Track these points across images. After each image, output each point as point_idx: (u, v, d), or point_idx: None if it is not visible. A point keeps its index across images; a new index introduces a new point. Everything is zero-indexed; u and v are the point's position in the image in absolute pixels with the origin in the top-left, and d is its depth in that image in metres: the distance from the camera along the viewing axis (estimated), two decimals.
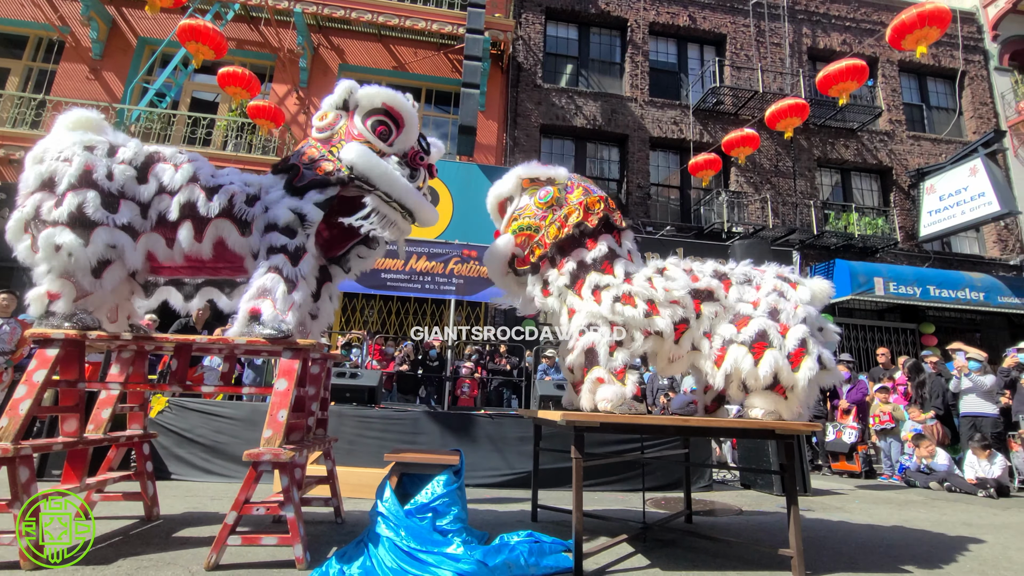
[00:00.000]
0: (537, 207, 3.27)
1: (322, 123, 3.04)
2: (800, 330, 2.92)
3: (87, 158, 2.74)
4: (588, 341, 2.90)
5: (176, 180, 2.83)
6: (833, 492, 5.81)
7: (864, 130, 12.69)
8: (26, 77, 10.75)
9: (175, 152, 3.00)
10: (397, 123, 3.11)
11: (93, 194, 2.69)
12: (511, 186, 3.42)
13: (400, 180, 3.01)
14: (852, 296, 10.22)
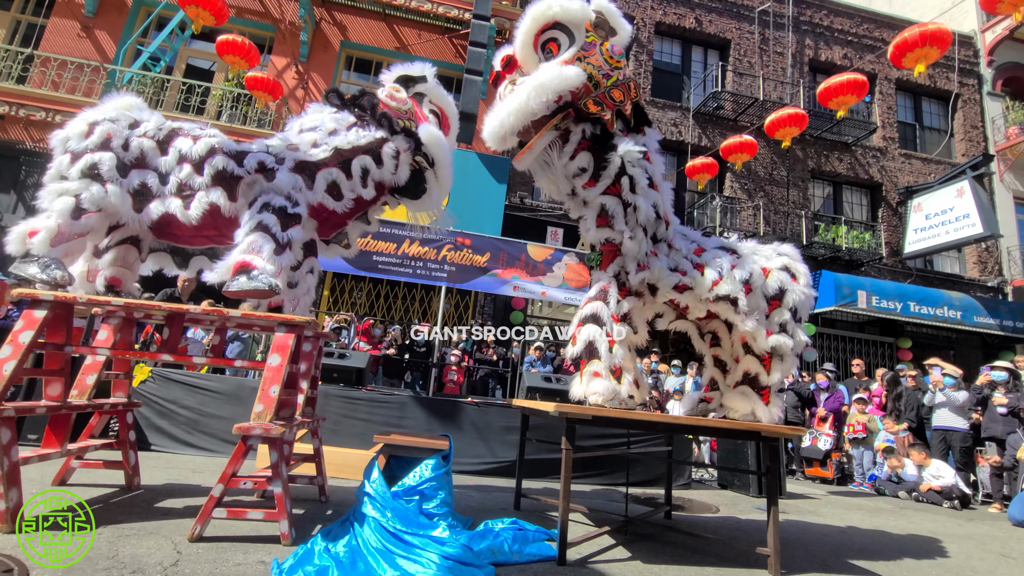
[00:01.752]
0: (607, 60, 2.80)
1: (398, 95, 3.34)
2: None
3: (109, 127, 2.82)
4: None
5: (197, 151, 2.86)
6: (806, 496, 5.96)
7: (858, 145, 12.87)
8: (13, 30, 10.38)
9: (195, 127, 3.03)
10: (442, 127, 3.60)
11: (109, 155, 2.75)
12: (577, 16, 2.79)
13: (450, 170, 3.48)
14: (835, 307, 10.41)
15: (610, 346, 2.91)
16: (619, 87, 2.85)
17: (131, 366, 3.46)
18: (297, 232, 2.83)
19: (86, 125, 2.81)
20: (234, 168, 2.86)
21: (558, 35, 2.79)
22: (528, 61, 2.86)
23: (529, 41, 2.81)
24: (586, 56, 2.76)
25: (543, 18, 2.77)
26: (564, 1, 2.74)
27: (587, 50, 2.79)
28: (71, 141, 2.78)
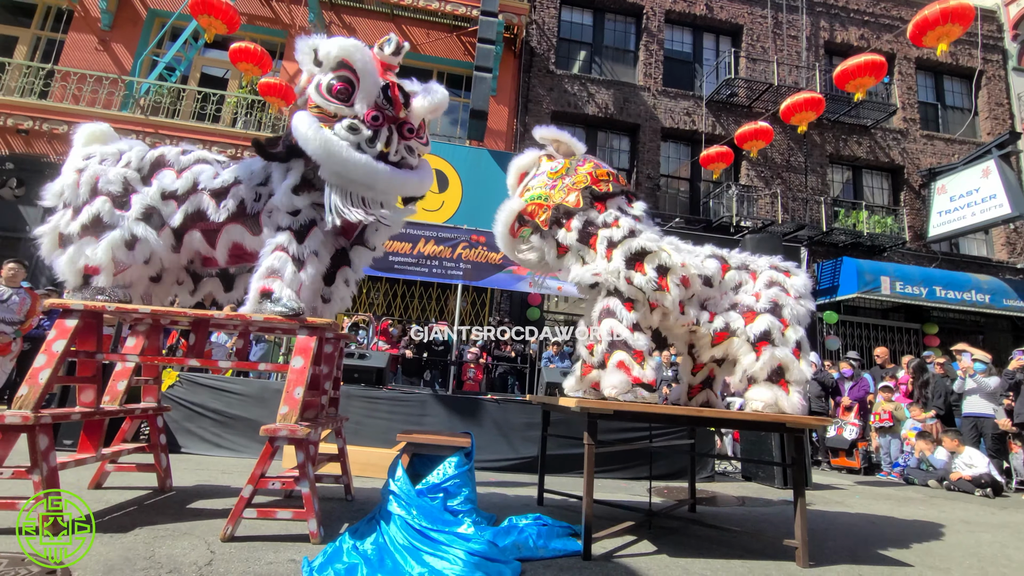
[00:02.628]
0: (549, 177, 3.35)
1: (298, 87, 2.92)
2: (799, 332, 3.04)
3: (95, 170, 2.87)
4: (608, 328, 2.91)
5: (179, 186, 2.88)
6: (833, 487, 5.87)
7: (878, 127, 12.57)
8: (34, 46, 10.66)
9: (178, 153, 3.02)
10: (357, 80, 2.74)
11: (102, 200, 2.81)
12: (530, 160, 3.52)
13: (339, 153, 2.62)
14: (858, 294, 10.20)
15: (631, 332, 2.92)
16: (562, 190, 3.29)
17: (159, 371, 3.55)
18: (314, 241, 2.85)
19: (75, 173, 2.87)
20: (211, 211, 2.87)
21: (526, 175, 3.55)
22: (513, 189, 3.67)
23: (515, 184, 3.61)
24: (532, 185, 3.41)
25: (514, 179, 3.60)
26: (517, 160, 3.56)
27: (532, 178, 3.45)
28: (66, 194, 2.86)
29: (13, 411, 2.38)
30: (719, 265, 3.21)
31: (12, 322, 5.46)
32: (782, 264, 3.34)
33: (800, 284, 3.21)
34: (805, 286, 3.22)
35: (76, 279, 2.73)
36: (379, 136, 2.75)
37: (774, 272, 3.25)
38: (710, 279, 3.16)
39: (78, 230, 2.78)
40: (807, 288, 3.22)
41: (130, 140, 3.10)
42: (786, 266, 3.33)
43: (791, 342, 3.01)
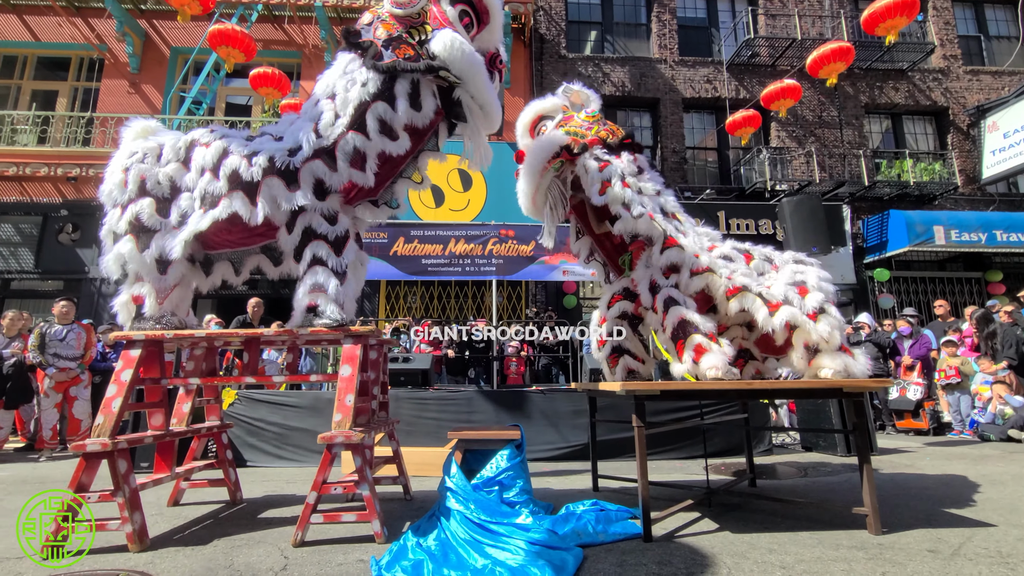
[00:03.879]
0: (584, 119, 3.44)
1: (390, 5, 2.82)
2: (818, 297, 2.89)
3: (140, 169, 2.92)
4: (677, 315, 2.86)
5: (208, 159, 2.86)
6: (900, 451, 5.62)
7: (915, 69, 11.85)
8: (73, 97, 11.29)
9: (204, 132, 3.01)
10: (480, 18, 2.97)
11: (148, 201, 2.87)
12: (553, 104, 3.59)
13: (489, 82, 2.89)
14: (910, 247, 9.67)
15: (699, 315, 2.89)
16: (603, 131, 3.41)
17: (219, 391, 3.73)
18: (351, 252, 2.92)
19: (122, 173, 2.93)
20: (247, 171, 2.78)
21: (545, 123, 3.62)
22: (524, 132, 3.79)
23: (526, 133, 3.71)
24: (566, 122, 3.49)
25: (529, 119, 3.69)
26: (539, 102, 3.66)
27: (565, 118, 3.52)
28: (115, 193, 2.93)
29: (92, 439, 2.55)
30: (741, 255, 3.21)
31: (74, 357, 5.86)
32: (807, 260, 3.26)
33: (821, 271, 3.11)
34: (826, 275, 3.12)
35: (128, 312, 2.88)
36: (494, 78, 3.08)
37: (796, 264, 3.18)
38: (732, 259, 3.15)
39: (126, 228, 2.86)
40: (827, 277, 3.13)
41: (171, 132, 3.11)
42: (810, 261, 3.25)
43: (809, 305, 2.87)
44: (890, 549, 2.42)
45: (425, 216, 9.46)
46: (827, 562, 2.26)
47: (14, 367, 5.72)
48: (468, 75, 2.79)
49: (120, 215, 2.92)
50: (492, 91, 2.92)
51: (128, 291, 2.88)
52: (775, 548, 2.45)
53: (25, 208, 10.00)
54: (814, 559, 2.30)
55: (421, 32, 2.80)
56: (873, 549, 2.42)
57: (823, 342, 2.78)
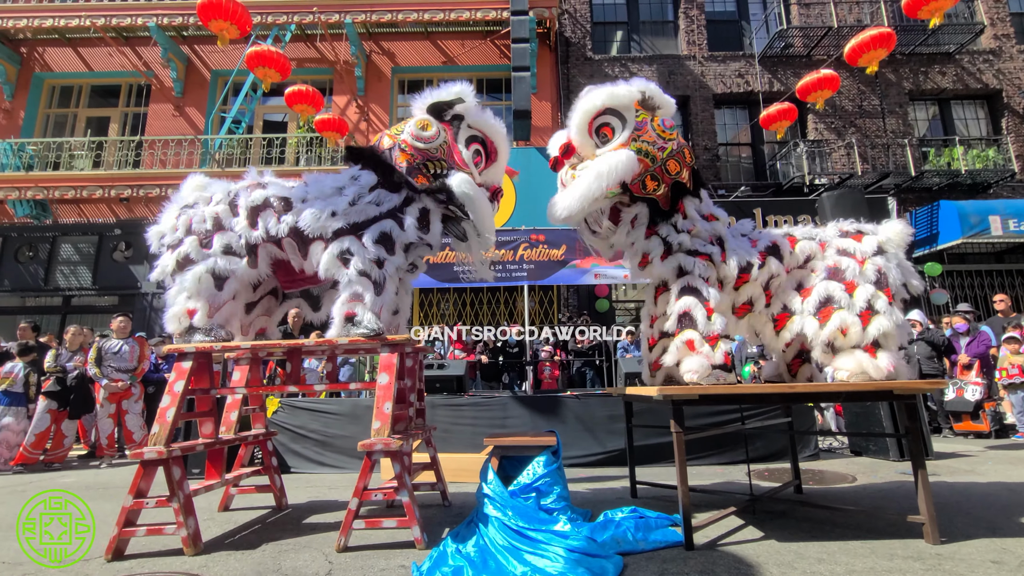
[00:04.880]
0: (659, 135, 2.92)
1: (425, 133, 3.03)
2: (867, 290, 2.79)
3: (188, 214, 3.17)
4: (684, 305, 2.83)
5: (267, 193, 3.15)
6: (959, 455, 5.33)
7: (963, 52, 11.26)
8: (123, 122, 11.96)
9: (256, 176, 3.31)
10: (488, 154, 3.29)
11: (191, 239, 3.09)
12: (626, 96, 2.93)
13: (491, 215, 3.18)
14: (963, 239, 9.17)
15: (708, 315, 2.81)
16: (674, 157, 2.94)
17: (264, 400, 3.87)
18: (391, 266, 3.01)
19: (174, 219, 3.18)
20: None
21: (610, 119, 2.97)
22: (585, 147, 3.05)
23: (584, 129, 3.01)
24: (640, 135, 2.91)
25: (593, 108, 2.96)
26: (610, 89, 2.93)
27: (640, 129, 2.92)
28: (165, 236, 3.17)
29: (149, 448, 2.68)
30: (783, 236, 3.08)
31: (127, 370, 6.18)
32: (851, 227, 3.09)
33: (867, 245, 2.94)
34: (877, 243, 2.94)
35: (179, 324, 3.03)
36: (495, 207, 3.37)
37: (841, 240, 3.02)
38: (778, 247, 3.01)
39: (173, 267, 3.07)
40: (879, 245, 2.94)
41: (221, 182, 3.38)
42: (856, 228, 3.07)
43: (859, 304, 2.78)
44: (950, 560, 2.29)
45: None
46: (881, 573, 2.17)
47: (76, 379, 6.08)
48: (476, 212, 3.07)
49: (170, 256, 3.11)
50: (491, 222, 3.24)
51: (182, 304, 3.02)
52: (824, 558, 2.36)
53: (83, 229, 10.64)
54: (867, 570, 2.21)
55: (438, 166, 3.03)
56: (931, 559, 2.30)
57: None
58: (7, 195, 10.31)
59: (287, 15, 10.83)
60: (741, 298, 3.05)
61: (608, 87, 2.95)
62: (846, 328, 2.77)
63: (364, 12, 10.80)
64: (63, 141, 10.91)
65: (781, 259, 3.03)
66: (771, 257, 3.02)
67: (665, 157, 2.91)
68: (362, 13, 10.79)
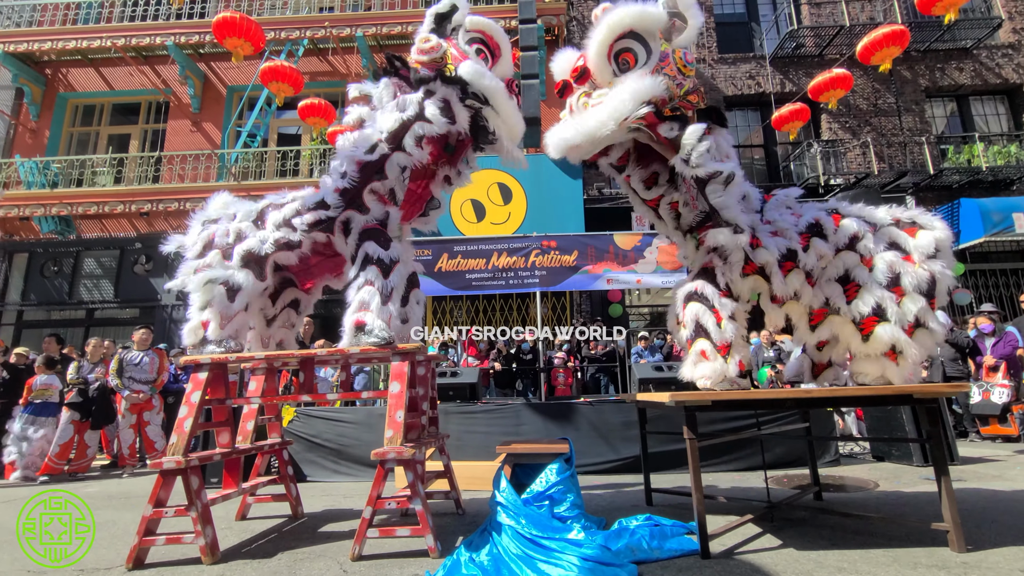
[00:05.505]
0: (680, 70, 2.79)
1: (426, 46, 3.15)
2: (918, 302, 2.64)
3: (211, 229, 3.29)
4: (695, 312, 2.80)
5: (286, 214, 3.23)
6: (986, 460, 5.17)
7: (981, 46, 11.06)
8: (143, 139, 12.26)
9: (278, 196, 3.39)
10: (493, 52, 3.39)
11: (213, 252, 3.19)
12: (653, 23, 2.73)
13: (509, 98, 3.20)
14: (986, 238, 8.96)
15: (718, 322, 2.77)
16: (693, 93, 2.86)
17: (279, 409, 3.92)
18: (396, 278, 3.05)
19: (196, 236, 3.28)
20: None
21: (633, 45, 2.74)
22: (602, 72, 2.81)
23: (604, 51, 2.76)
24: (662, 67, 2.73)
25: (619, 27, 2.72)
26: (641, 8, 2.70)
27: (663, 60, 2.76)
28: (188, 250, 3.27)
29: (168, 457, 2.73)
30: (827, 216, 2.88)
31: (147, 381, 6.30)
32: (905, 215, 2.86)
33: (926, 243, 2.72)
34: (936, 243, 2.71)
35: (195, 337, 3.08)
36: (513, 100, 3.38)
37: (894, 230, 2.81)
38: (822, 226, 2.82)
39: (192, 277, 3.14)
40: (936, 246, 2.72)
41: (243, 201, 3.48)
42: (910, 218, 2.83)
43: (908, 316, 2.64)
44: (976, 568, 2.23)
45: (467, 231, 9.62)
46: None
47: (98, 390, 6.22)
48: (492, 93, 3.12)
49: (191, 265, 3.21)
50: (514, 106, 3.29)
51: (197, 316, 3.08)
52: (845, 567, 2.31)
53: (105, 243, 10.91)
54: None
55: (446, 71, 3.16)
56: (956, 568, 2.24)
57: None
58: (33, 212, 10.62)
59: (300, 30, 11.04)
60: (788, 289, 2.82)
61: (637, 4, 2.69)
62: (895, 353, 2.64)
63: (375, 25, 10.97)
64: (86, 158, 11.22)
65: (825, 238, 2.81)
66: (815, 239, 2.80)
67: (683, 94, 2.77)
68: (373, 26, 10.96)
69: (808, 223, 2.88)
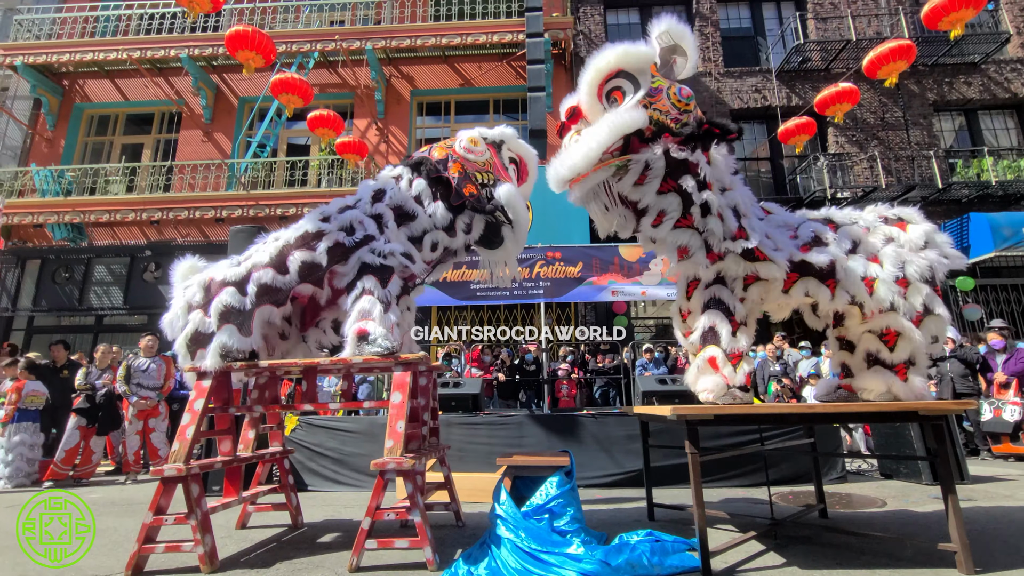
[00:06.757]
0: (673, 104, 2.70)
1: (476, 148, 3.46)
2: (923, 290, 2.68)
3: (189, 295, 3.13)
4: (710, 321, 2.78)
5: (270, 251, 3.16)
6: (998, 479, 5.07)
7: (989, 61, 11.04)
8: (155, 148, 12.46)
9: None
10: (520, 174, 3.79)
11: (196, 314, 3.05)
12: (640, 61, 2.70)
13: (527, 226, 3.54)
14: (996, 253, 8.87)
15: (734, 330, 2.75)
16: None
17: (281, 418, 3.92)
18: (395, 286, 3.07)
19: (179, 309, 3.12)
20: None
21: (622, 83, 2.74)
22: (593, 111, 2.81)
23: (593, 91, 2.77)
24: (652, 102, 2.69)
25: (606, 67, 2.73)
26: (626, 47, 2.70)
27: (653, 96, 2.71)
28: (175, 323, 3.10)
29: (169, 465, 2.74)
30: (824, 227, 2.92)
31: (154, 387, 6.33)
32: (891, 213, 2.97)
33: (916, 235, 2.82)
34: (924, 235, 2.82)
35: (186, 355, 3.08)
36: None
37: (886, 227, 2.91)
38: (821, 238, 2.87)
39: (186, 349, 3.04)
40: (926, 238, 2.82)
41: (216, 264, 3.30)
42: (897, 214, 2.95)
43: (916, 305, 2.68)
44: None
45: None
46: None
47: (105, 396, 6.26)
48: (519, 220, 3.47)
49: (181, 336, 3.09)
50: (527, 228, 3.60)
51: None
52: None
53: (116, 251, 11.05)
54: None
55: (486, 177, 3.44)
56: None
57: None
58: (47, 219, 10.79)
59: (310, 43, 11.23)
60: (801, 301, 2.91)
61: (624, 44, 2.69)
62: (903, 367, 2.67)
63: (384, 38, 11.14)
64: (99, 167, 11.42)
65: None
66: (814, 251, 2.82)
67: (680, 130, 2.67)
68: (382, 39, 11.13)
69: (809, 238, 2.89)
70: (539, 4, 10.11)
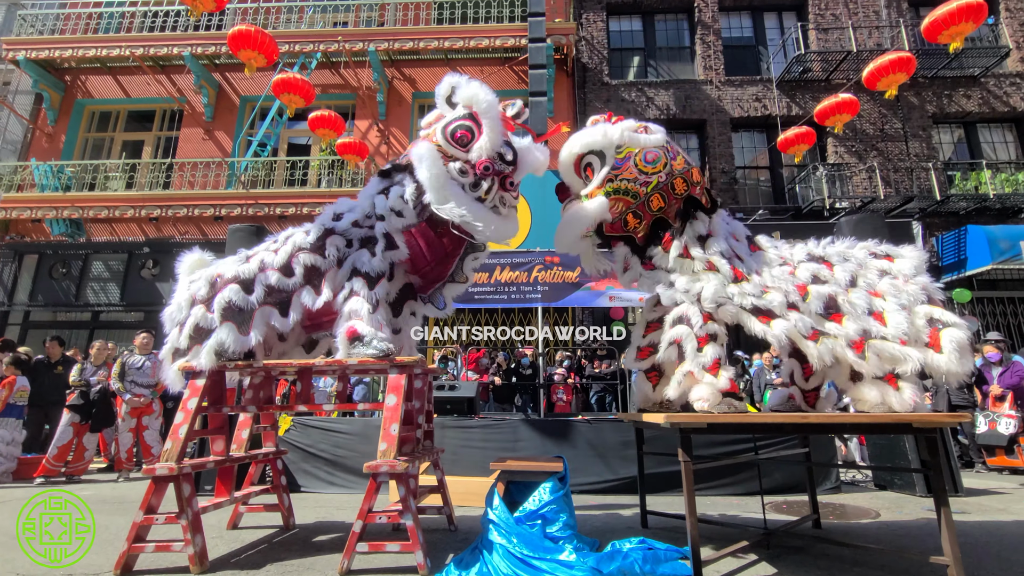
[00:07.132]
0: (640, 171, 2.94)
1: (425, 120, 3.26)
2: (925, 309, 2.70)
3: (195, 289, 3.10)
4: (676, 335, 2.80)
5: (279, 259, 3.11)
6: (992, 492, 5.08)
7: (989, 75, 11.10)
8: (156, 145, 12.46)
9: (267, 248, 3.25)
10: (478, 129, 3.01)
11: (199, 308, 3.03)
12: (600, 143, 3.05)
13: (445, 188, 2.90)
14: (993, 265, 8.91)
15: (700, 345, 2.76)
16: (659, 192, 2.96)
17: (275, 418, 3.91)
18: (382, 289, 3.05)
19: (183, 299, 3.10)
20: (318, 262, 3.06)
21: (592, 159, 3.14)
22: (574, 185, 3.29)
23: (570, 171, 3.27)
24: (619, 174, 3.00)
25: (572, 156, 3.21)
26: (584, 137, 3.14)
27: (619, 167, 3.02)
28: (175, 315, 3.09)
29: (161, 463, 2.73)
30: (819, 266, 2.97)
31: (148, 385, 6.31)
32: (880, 249, 3.04)
33: (907, 266, 2.88)
34: (914, 265, 2.89)
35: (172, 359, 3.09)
36: (481, 184, 3.01)
37: (877, 262, 2.96)
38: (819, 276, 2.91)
39: (187, 343, 3.02)
40: (915, 267, 2.88)
41: (224, 260, 3.30)
42: (884, 250, 3.03)
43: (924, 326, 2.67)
44: None
45: None
46: None
47: (99, 393, 6.23)
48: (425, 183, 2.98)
49: (178, 332, 3.06)
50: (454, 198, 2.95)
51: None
52: None
53: (114, 247, 11.03)
54: None
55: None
56: None
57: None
58: (45, 214, 10.77)
59: (313, 44, 11.25)
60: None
61: (586, 131, 3.14)
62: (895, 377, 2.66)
63: (387, 41, 11.16)
64: (99, 163, 11.40)
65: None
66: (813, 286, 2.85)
67: (649, 192, 2.95)
68: (385, 42, 11.16)
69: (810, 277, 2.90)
70: (542, 9, 10.15)
